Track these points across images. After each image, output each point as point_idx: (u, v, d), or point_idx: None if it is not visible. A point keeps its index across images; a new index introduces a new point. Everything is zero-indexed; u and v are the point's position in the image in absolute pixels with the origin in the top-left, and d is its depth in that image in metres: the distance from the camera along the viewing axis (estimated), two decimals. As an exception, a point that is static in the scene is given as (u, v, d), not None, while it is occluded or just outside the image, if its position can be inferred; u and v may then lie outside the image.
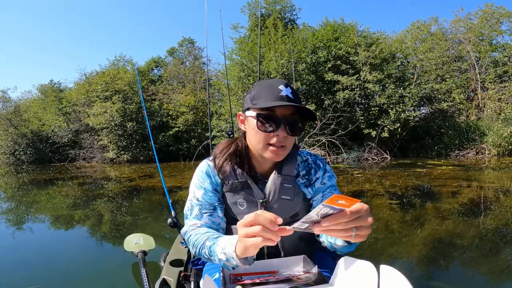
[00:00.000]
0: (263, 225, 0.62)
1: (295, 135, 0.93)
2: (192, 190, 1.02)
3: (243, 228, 0.65)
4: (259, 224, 0.62)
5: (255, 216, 0.63)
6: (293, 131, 0.92)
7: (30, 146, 16.43)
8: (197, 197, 0.99)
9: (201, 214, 0.96)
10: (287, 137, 0.91)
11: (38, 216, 4.34)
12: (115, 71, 15.36)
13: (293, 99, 0.91)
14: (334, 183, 1.09)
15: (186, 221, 0.99)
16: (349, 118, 10.58)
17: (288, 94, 0.90)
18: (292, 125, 0.91)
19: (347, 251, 0.94)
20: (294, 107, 0.91)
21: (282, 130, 0.89)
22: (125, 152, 13.57)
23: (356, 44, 10.89)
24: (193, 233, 0.92)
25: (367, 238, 0.64)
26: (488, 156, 10.07)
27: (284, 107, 0.89)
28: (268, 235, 0.62)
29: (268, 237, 0.62)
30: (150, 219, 3.86)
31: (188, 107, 14.02)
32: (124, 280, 2.14)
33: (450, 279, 2.02)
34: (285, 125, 0.89)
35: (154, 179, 7.33)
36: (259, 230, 0.62)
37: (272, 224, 0.61)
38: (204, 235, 0.88)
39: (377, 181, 6.09)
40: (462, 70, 13.39)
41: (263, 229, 0.62)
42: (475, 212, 3.58)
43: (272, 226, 0.61)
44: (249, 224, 0.64)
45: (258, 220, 0.62)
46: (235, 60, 12.46)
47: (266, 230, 0.61)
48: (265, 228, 0.62)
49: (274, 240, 0.62)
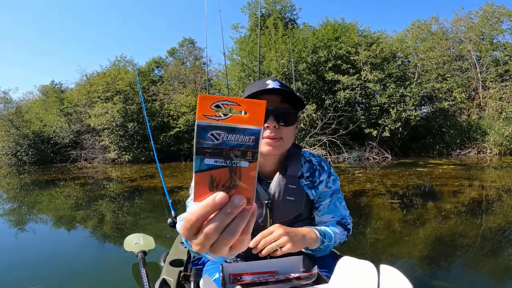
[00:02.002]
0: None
1: (288, 125, 0.92)
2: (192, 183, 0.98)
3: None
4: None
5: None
6: (285, 121, 0.91)
7: (31, 147, 16.46)
8: None
9: None
10: (279, 128, 0.91)
11: (40, 216, 4.35)
12: (116, 72, 15.37)
13: (280, 89, 0.91)
14: (338, 186, 1.10)
15: (187, 210, 0.93)
16: (350, 118, 10.57)
17: (275, 86, 0.90)
18: (282, 115, 0.91)
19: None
20: (281, 97, 0.91)
21: (272, 121, 0.89)
22: (127, 152, 13.59)
23: (357, 43, 10.88)
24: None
25: (368, 237, 0.63)
26: (489, 155, 10.04)
27: (271, 98, 0.90)
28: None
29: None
30: (151, 219, 3.87)
31: (189, 108, 14.02)
32: (124, 280, 2.15)
33: (451, 279, 2.02)
34: (274, 116, 0.89)
35: (155, 179, 7.33)
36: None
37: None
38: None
39: (378, 180, 6.08)
40: (463, 69, 13.35)
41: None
42: (477, 212, 3.57)
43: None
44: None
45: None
46: (235, 60, 12.46)
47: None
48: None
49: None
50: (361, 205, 4.08)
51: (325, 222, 1.07)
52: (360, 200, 4.36)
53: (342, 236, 1.05)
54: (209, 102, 0.30)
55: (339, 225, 1.06)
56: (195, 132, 0.30)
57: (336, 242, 1.02)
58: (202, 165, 0.31)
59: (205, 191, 0.31)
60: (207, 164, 0.31)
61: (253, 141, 0.31)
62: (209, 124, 0.30)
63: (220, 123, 0.30)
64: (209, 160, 0.31)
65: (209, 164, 0.31)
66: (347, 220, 1.09)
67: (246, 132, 0.31)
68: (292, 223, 1.02)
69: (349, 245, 2.55)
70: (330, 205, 1.06)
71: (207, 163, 0.31)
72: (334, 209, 1.07)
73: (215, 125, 0.30)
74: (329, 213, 1.07)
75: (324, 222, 1.07)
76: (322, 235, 0.96)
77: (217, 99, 0.30)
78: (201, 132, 0.30)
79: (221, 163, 0.31)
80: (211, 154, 0.31)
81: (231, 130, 0.30)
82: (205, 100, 0.30)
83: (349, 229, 1.08)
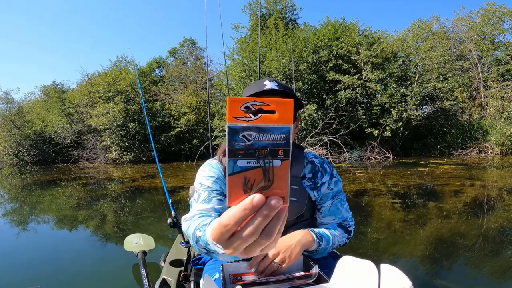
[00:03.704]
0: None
1: None
2: (198, 182, 0.98)
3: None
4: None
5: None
6: None
7: (33, 147, 16.51)
8: (207, 184, 0.95)
9: (210, 198, 0.91)
10: None
11: (41, 216, 4.36)
12: (117, 72, 15.40)
13: (279, 90, 0.90)
14: (341, 187, 1.09)
15: (191, 209, 0.93)
16: (351, 118, 10.55)
17: (273, 87, 0.90)
18: None
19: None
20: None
21: None
22: (128, 152, 13.61)
23: (358, 43, 10.86)
24: (192, 224, 0.81)
25: (369, 237, 0.63)
26: (491, 155, 10.01)
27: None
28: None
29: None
30: (152, 219, 3.87)
31: (190, 108, 14.03)
32: (124, 280, 2.15)
33: (452, 278, 2.01)
34: None
35: (157, 179, 7.34)
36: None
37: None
38: (196, 221, 0.80)
39: (379, 180, 6.07)
40: (464, 69, 13.32)
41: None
42: (478, 211, 3.56)
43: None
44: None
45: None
46: (236, 60, 12.46)
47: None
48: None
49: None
50: (362, 205, 4.08)
51: (326, 223, 1.07)
52: (361, 200, 4.35)
53: (342, 239, 1.04)
54: (239, 104, 0.30)
55: (340, 227, 1.05)
56: (226, 135, 0.30)
57: (335, 245, 1.02)
58: (236, 168, 0.31)
59: (239, 194, 0.31)
60: (240, 166, 0.31)
61: (284, 139, 0.31)
62: (240, 126, 0.30)
63: (250, 124, 0.30)
64: (242, 162, 0.31)
65: (242, 166, 0.31)
66: (349, 222, 1.08)
67: (276, 131, 0.31)
68: (294, 224, 1.02)
69: (350, 244, 2.54)
70: (332, 207, 1.06)
71: (240, 165, 0.31)
72: (335, 211, 1.06)
73: (246, 126, 0.30)
74: (330, 215, 1.06)
75: (325, 224, 1.07)
76: (319, 238, 0.96)
77: (246, 100, 0.30)
78: (233, 134, 0.30)
79: (254, 164, 0.31)
80: (244, 156, 0.31)
81: (262, 130, 0.30)
82: (234, 103, 0.30)
83: (350, 231, 1.08)
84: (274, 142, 0.31)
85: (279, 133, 0.31)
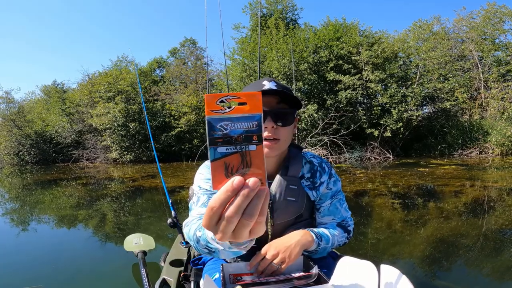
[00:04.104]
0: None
1: (285, 125, 0.92)
2: (197, 185, 0.99)
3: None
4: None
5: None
6: (282, 121, 0.91)
7: (34, 146, 16.51)
8: (205, 187, 0.96)
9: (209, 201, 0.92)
10: (277, 128, 0.91)
11: (42, 216, 4.36)
12: (118, 72, 15.40)
13: (277, 90, 0.90)
14: (339, 187, 1.09)
15: (190, 213, 0.94)
16: (351, 118, 10.55)
17: (271, 87, 0.90)
18: (279, 115, 0.90)
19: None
20: (278, 98, 0.91)
21: (270, 122, 0.89)
22: (128, 152, 13.61)
23: (358, 43, 10.85)
24: (192, 226, 0.83)
25: (369, 237, 0.63)
26: (491, 156, 10.00)
27: (267, 99, 0.90)
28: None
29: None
30: (152, 219, 3.87)
31: (190, 108, 14.02)
32: (124, 280, 2.15)
33: (452, 279, 2.01)
34: (272, 116, 0.89)
35: (157, 179, 7.34)
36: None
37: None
38: (195, 224, 0.81)
39: (379, 180, 6.07)
40: (465, 69, 13.30)
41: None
42: (478, 212, 3.55)
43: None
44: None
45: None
46: (237, 60, 12.46)
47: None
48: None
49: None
50: (362, 205, 4.08)
51: (325, 223, 1.07)
52: (361, 200, 4.35)
53: (342, 238, 1.04)
54: (215, 99, 0.35)
55: (339, 227, 1.05)
56: (206, 126, 0.35)
57: (335, 244, 1.02)
58: (216, 154, 0.35)
59: (222, 178, 0.35)
60: (220, 152, 0.35)
61: (256, 126, 0.35)
62: (217, 117, 0.35)
63: (226, 115, 0.35)
64: (221, 149, 0.35)
65: (221, 152, 0.35)
66: (348, 222, 1.08)
67: (249, 119, 0.35)
68: (293, 224, 1.02)
69: (350, 245, 2.55)
70: (331, 206, 1.06)
71: (220, 152, 0.35)
72: (334, 211, 1.06)
73: (222, 117, 0.35)
74: (329, 214, 1.06)
75: (325, 224, 1.07)
76: (318, 238, 0.96)
77: (221, 95, 0.35)
78: (211, 125, 0.35)
79: (232, 150, 0.35)
80: (222, 143, 0.35)
81: (236, 120, 0.35)
82: (210, 98, 0.35)
83: (350, 231, 1.08)
84: (248, 129, 0.35)
85: (252, 121, 0.35)
